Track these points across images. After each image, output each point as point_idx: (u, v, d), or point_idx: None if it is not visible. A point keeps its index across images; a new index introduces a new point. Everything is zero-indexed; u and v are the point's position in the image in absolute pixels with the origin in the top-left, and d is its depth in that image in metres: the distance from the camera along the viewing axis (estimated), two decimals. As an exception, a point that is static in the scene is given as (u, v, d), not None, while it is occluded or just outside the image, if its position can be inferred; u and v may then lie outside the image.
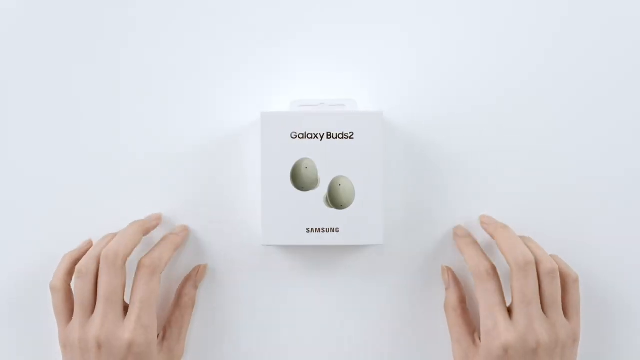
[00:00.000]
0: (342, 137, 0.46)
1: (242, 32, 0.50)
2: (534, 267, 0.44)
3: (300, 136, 0.46)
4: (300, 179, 0.46)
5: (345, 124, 0.46)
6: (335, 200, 0.46)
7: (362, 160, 0.46)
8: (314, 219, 0.46)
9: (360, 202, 0.46)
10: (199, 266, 0.49)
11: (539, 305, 0.44)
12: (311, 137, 0.46)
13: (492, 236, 0.48)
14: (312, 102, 0.48)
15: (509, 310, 0.45)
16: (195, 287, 0.49)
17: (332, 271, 0.50)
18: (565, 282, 0.46)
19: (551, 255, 0.47)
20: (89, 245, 0.49)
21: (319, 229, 0.46)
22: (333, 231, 0.46)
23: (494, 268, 0.46)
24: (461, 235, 0.49)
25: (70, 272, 0.47)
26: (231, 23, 0.50)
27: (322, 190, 0.46)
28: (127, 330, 0.43)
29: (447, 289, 0.49)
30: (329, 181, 0.46)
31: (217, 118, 0.50)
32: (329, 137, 0.46)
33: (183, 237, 0.49)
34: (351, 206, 0.46)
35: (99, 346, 0.43)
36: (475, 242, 0.48)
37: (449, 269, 0.49)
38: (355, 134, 0.46)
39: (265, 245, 0.48)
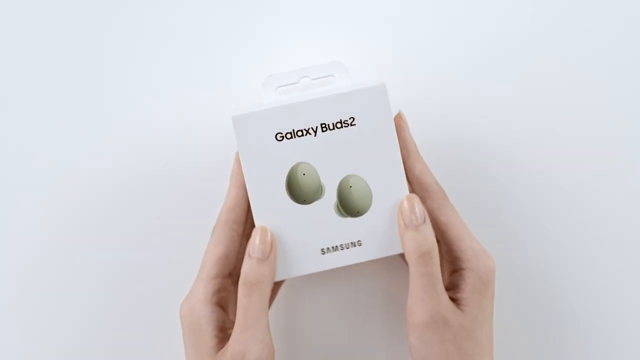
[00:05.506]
0: (341, 126, 0.39)
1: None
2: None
3: (288, 136, 0.39)
4: (299, 190, 0.39)
5: (341, 108, 0.38)
6: (348, 206, 0.39)
7: (371, 150, 0.39)
8: (328, 236, 0.39)
9: (380, 203, 0.39)
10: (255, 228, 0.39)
11: None
12: (302, 134, 0.39)
13: None
14: (292, 78, 0.41)
15: None
16: (259, 260, 0.38)
17: (332, 271, 0.46)
18: None
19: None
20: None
21: (336, 246, 0.39)
22: (354, 245, 0.39)
23: None
24: (411, 137, 0.41)
25: None
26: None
27: (329, 198, 0.39)
28: None
29: (418, 226, 0.38)
30: (336, 185, 0.39)
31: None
32: (324, 129, 0.39)
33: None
34: (370, 210, 0.39)
35: None
36: None
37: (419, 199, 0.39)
38: (357, 118, 0.39)
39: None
